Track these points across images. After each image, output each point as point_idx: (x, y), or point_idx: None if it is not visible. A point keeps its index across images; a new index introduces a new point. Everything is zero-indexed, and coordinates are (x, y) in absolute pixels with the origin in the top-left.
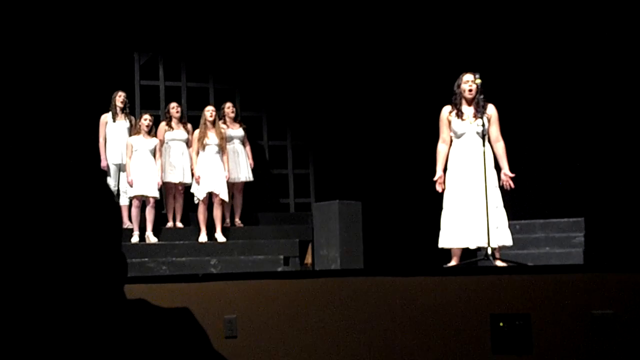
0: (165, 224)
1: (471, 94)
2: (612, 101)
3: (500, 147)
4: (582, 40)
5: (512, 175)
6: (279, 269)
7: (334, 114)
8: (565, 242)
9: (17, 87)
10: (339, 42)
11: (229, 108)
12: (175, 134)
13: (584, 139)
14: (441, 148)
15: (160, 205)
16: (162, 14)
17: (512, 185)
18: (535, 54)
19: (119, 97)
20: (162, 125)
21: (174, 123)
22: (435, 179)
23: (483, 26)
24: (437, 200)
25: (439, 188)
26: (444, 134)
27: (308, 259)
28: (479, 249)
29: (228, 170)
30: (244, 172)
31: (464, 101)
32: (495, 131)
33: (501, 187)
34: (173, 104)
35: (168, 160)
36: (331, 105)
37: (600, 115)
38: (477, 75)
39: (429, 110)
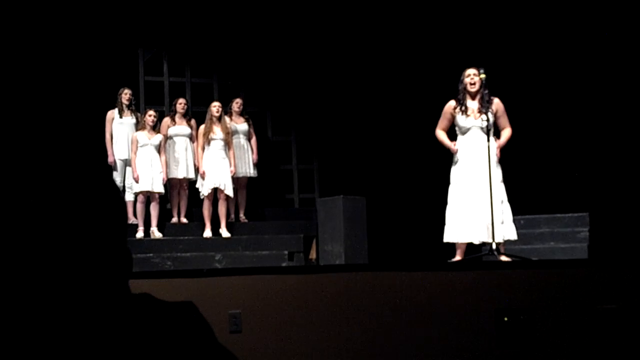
0: (170, 219)
1: (474, 87)
2: (616, 96)
3: (505, 132)
4: (587, 35)
5: (499, 148)
6: (284, 264)
7: (338, 109)
8: (569, 237)
9: (23, 85)
10: (344, 37)
11: (237, 103)
12: (178, 129)
13: (588, 133)
14: (439, 131)
15: (164, 200)
16: (166, 10)
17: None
18: (540, 49)
19: (125, 95)
20: (166, 120)
21: (177, 118)
22: (453, 148)
23: (487, 22)
24: (441, 195)
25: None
26: (442, 125)
27: (312, 254)
28: (483, 243)
29: (234, 166)
30: (248, 168)
31: (468, 97)
32: (504, 122)
33: (509, 182)
34: (181, 100)
35: (173, 156)
36: (335, 101)
37: (605, 110)
38: (482, 71)
39: (434, 106)
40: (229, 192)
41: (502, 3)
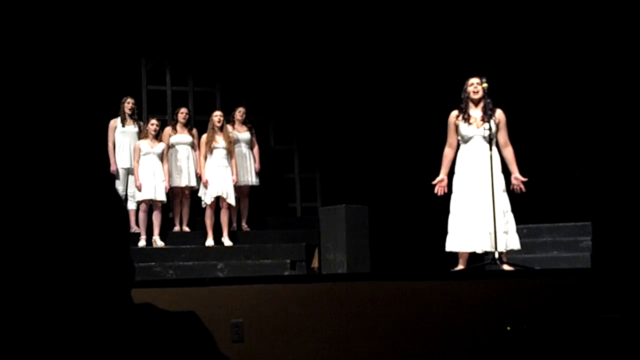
0: (172, 228)
1: (477, 95)
2: (618, 106)
3: (509, 152)
4: (589, 45)
5: (523, 179)
6: (286, 273)
7: (340, 118)
8: (572, 246)
9: (26, 94)
10: (347, 47)
11: (239, 112)
12: (179, 137)
13: (590, 143)
14: (447, 152)
15: (167, 209)
16: (169, 20)
17: (524, 189)
18: (542, 59)
19: (128, 104)
20: (167, 129)
21: (178, 127)
22: (434, 182)
23: (490, 31)
24: (444, 203)
25: (438, 191)
26: (451, 138)
27: (315, 263)
28: (486, 253)
29: (236, 174)
30: (250, 177)
31: (471, 105)
32: (503, 136)
33: (512, 191)
34: (183, 109)
35: (175, 165)
36: (338, 110)
37: (607, 119)
38: (484, 80)
39: (436, 115)
40: (231, 200)
41: (504, 13)
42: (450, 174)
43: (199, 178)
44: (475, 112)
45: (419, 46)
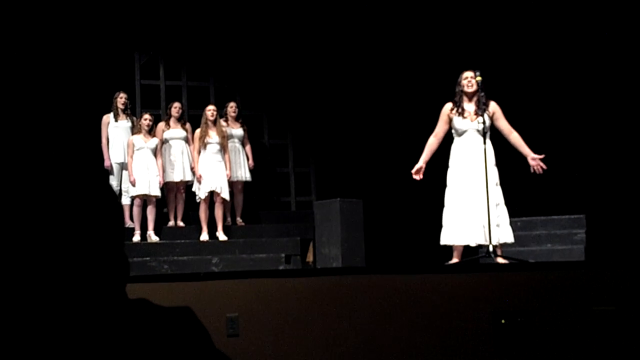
0: (167, 222)
1: (471, 89)
2: (612, 98)
3: (515, 137)
4: (582, 37)
5: (541, 156)
6: (281, 268)
7: (334, 112)
8: (566, 238)
9: (19, 89)
10: (340, 40)
11: (231, 107)
12: (173, 132)
13: (584, 135)
14: (431, 141)
15: (161, 203)
16: (162, 14)
17: (544, 167)
18: (536, 51)
19: (120, 99)
20: (160, 125)
21: (172, 122)
22: (413, 170)
23: (484, 25)
24: (438, 197)
25: (416, 177)
26: (439, 128)
27: (309, 257)
28: (480, 246)
29: (230, 169)
30: (244, 172)
31: (465, 99)
32: (505, 125)
33: (509, 184)
34: (176, 104)
35: (169, 160)
36: (332, 104)
37: (601, 112)
38: (478, 73)
39: (430, 108)
40: (225, 195)
41: (498, 6)
42: (445, 167)
43: (194, 172)
44: (469, 106)
45: (413, 40)
